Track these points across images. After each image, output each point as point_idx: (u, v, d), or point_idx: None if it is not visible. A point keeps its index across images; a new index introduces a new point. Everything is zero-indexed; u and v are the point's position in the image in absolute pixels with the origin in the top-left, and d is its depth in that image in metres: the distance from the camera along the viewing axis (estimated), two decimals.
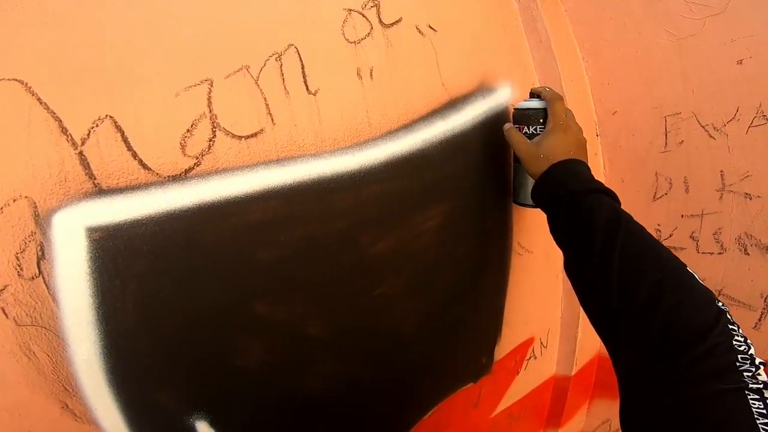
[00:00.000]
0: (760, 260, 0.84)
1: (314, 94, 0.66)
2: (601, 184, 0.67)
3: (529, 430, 1.33)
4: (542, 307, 1.12)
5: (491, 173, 0.90)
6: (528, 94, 0.83)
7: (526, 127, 0.79)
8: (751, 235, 0.84)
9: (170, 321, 0.59)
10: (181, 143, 0.56)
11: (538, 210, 0.78)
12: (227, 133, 0.59)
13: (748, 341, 0.47)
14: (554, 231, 0.70)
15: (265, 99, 0.61)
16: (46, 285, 0.51)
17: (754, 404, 0.41)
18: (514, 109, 0.82)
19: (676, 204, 0.92)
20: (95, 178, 0.51)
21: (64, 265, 0.51)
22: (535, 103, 0.79)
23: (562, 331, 1.16)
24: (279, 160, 0.63)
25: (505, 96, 0.89)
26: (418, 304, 0.84)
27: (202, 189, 0.57)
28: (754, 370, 0.44)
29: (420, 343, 0.88)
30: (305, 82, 0.65)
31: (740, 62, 0.76)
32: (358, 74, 0.70)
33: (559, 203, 0.67)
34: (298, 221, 0.65)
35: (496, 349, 1.04)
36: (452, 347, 0.95)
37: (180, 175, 0.56)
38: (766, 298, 0.87)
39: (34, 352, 0.52)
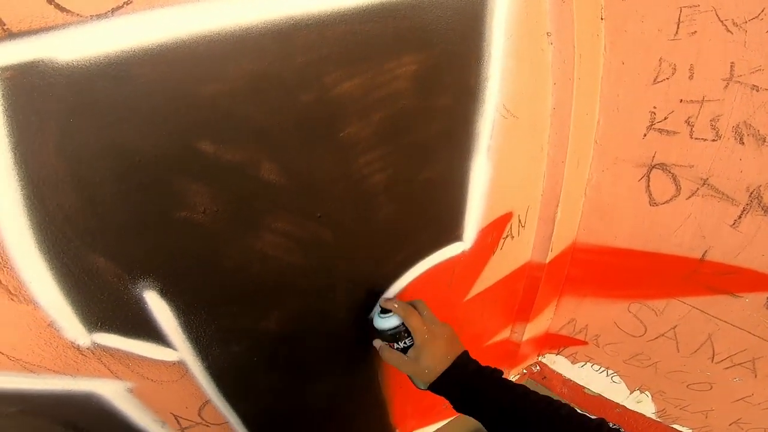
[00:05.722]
0: (754, 151, 0.83)
1: None
2: (478, 364, 0.80)
3: (500, 322, 1.34)
4: (524, 180, 1.03)
5: (470, 31, 0.78)
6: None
7: (395, 344, 0.83)
8: (750, 125, 0.82)
9: (98, 164, 0.51)
10: None
11: (532, 73, 0.77)
12: None
13: None
14: (457, 408, 0.79)
15: None
16: None
17: None
18: (377, 329, 0.85)
19: (677, 88, 0.88)
20: (4, 24, 0.42)
21: None
22: (394, 321, 0.82)
23: (542, 211, 1.11)
24: None
25: None
26: (387, 155, 0.77)
27: (132, 25, 0.48)
28: None
29: (390, 201, 0.82)
30: None
31: None
32: None
33: (459, 395, 0.78)
34: (248, 56, 0.56)
35: (466, 220, 0.98)
36: (423, 210, 0.89)
37: (106, 14, 0.46)
38: (751, 193, 0.86)
39: None
